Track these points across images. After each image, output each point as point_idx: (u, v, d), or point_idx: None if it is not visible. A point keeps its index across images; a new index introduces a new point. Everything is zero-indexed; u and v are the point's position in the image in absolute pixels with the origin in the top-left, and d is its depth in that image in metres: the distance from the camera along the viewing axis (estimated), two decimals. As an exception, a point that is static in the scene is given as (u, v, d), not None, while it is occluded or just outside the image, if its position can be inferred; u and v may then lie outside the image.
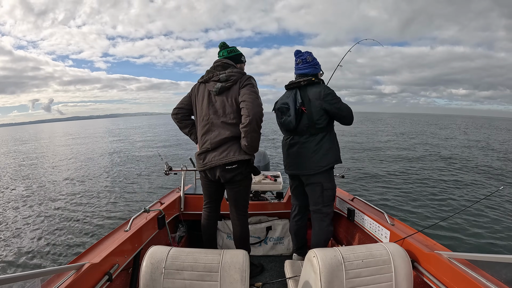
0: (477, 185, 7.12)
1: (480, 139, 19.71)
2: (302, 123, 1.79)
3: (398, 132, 25.48)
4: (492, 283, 0.95)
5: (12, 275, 0.76)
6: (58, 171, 10.09)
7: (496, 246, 3.90)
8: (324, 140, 1.78)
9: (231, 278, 1.06)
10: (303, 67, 1.83)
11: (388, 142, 16.38)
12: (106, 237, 1.45)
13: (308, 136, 1.79)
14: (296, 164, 1.85)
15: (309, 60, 1.83)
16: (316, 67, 1.85)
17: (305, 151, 1.79)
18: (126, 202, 6.03)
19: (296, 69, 1.87)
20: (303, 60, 1.83)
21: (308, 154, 1.78)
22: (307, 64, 1.83)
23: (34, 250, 3.90)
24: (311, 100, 1.75)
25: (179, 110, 1.79)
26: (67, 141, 24.57)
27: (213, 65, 1.71)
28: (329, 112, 1.75)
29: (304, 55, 1.84)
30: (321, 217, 1.83)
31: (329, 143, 1.79)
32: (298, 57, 1.85)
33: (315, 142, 1.77)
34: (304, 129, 1.79)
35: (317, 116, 1.75)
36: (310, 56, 1.84)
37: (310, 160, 1.77)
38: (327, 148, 1.77)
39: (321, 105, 1.73)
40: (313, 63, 1.84)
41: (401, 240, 1.38)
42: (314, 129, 1.77)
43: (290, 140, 1.87)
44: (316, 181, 1.79)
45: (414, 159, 10.94)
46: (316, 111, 1.74)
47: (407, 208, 5.33)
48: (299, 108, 1.76)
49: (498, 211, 5.05)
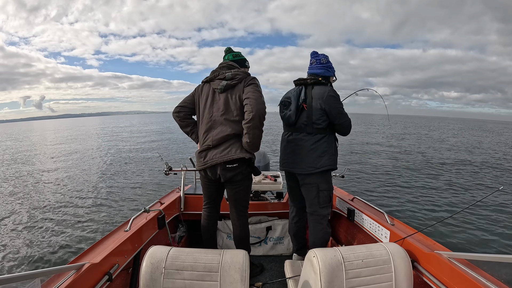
0: (476, 185, 7.13)
1: (477, 141, 19.74)
2: (301, 119, 1.80)
3: (396, 133, 25.48)
4: (492, 283, 0.95)
5: (12, 275, 0.76)
6: (58, 171, 10.09)
7: (496, 246, 3.90)
8: (321, 142, 1.77)
9: (231, 278, 1.06)
10: (316, 67, 1.85)
11: (387, 143, 16.39)
12: (106, 237, 1.45)
13: (305, 134, 1.79)
14: (291, 162, 1.85)
15: (323, 62, 1.85)
16: (329, 70, 1.86)
17: (301, 149, 1.80)
18: (126, 202, 6.03)
19: (309, 68, 1.89)
20: (317, 61, 1.85)
21: (303, 152, 1.78)
22: (320, 65, 1.85)
23: (34, 250, 3.89)
24: (314, 98, 1.76)
25: (182, 108, 1.78)
26: (64, 140, 24.53)
27: (219, 66, 1.73)
28: (328, 114, 1.75)
29: (320, 56, 1.86)
30: (318, 219, 1.82)
31: (326, 146, 1.77)
32: (314, 57, 1.87)
33: (311, 141, 1.77)
34: (302, 126, 1.80)
35: (316, 115, 1.75)
36: (325, 58, 1.86)
37: (304, 159, 1.78)
38: (323, 151, 1.76)
39: (321, 105, 1.73)
40: (327, 65, 1.85)
41: (401, 240, 1.38)
42: (311, 128, 1.77)
43: (289, 136, 1.89)
44: (312, 182, 1.79)
45: (414, 160, 10.94)
46: (316, 111, 1.75)
47: (407, 208, 5.33)
48: (300, 105, 1.78)
49: (498, 211, 5.06)
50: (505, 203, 5.46)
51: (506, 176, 8.26)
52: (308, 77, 1.83)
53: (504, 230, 4.35)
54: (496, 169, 9.23)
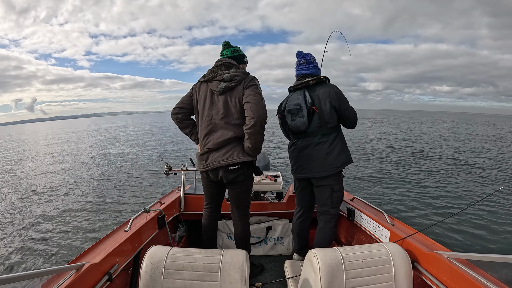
0: (477, 185, 7.13)
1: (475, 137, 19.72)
2: (314, 123, 1.76)
3: (393, 130, 25.44)
4: (492, 283, 0.95)
5: (12, 275, 0.76)
6: (57, 172, 10.09)
7: (496, 246, 3.90)
8: (337, 141, 1.76)
9: (231, 278, 1.06)
10: (308, 67, 1.82)
11: (387, 142, 16.39)
12: (106, 237, 1.45)
13: (320, 136, 1.76)
14: (309, 167, 1.80)
15: (313, 61, 1.83)
16: (318, 68, 1.85)
17: (319, 152, 1.76)
18: (126, 202, 6.02)
19: (299, 69, 1.85)
20: (308, 61, 1.82)
21: (322, 155, 1.74)
22: (311, 64, 1.82)
23: (34, 250, 3.89)
24: (321, 99, 1.72)
25: (180, 110, 1.74)
26: (61, 141, 24.51)
27: (216, 64, 1.67)
28: (338, 111, 1.73)
29: (308, 55, 1.84)
30: (328, 218, 1.83)
31: (342, 143, 1.78)
32: (303, 57, 1.84)
33: (328, 143, 1.74)
34: (316, 129, 1.76)
35: (328, 115, 1.73)
36: (313, 57, 1.84)
37: (323, 162, 1.74)
38: (340, 149, 1.76)
39: (331, 103, 1.71)
40: (316, 64, 1.84)
41: (401, 240, 1.38)
42: (326, 128, 1.74)
43: (301, 142, 1.83)
44: (327, 183, 1.78)
45: (414, 160, 10.93)
46: (327, 110, 1.72)
47: (407, 208, 5.33)
48: (310, 108, 1.74)
49: (498, 211, 5.05)
50: (505, 203, 5.46)
51: (506, 176, 8.26)
52: (308, 79, 1.78)
53: (504, 230, 4.34)
54: (496, 169, 9.23)
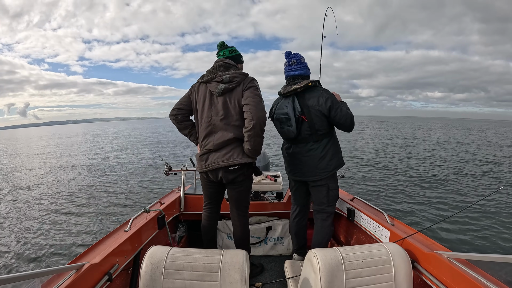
0: (476, 185, 7.13)
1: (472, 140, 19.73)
2: (304, 132, 1.73)
3: (389, 135, 25.46)
4: (492, 283, 0.95)
5: (12, 275, 0.76)
6: (57, 173, 10.08)
7: (496, 246, 3.90)
8: (329, 145, 1.74)
9: (231, 278, 1.06)
10: (298, 67, 1.76)
11: (386, 143, 16.38)
12: (106, 237, 1.45)
13: (312, 143, 1.74)
14: (302, 171, 1.80)
15: (303, 61, 1.77)
16: (308, 68, 1.80)
17: (310, 159, 1.74)
18: (126, 202, 6.03)
19: (288, 70, 1.79)
20: (297, 61, 1.76)
21: (314, 161, 1.73)
22: (301, 65, 1.77)
23: (34, 250, 3.89)
24: (310, 107, 1.68)
25: (178, 111, 1.73)
26: (60, 143, 24.51)
27: (215, 65, 1.66)
28: (329, 118, 1.69)
29: (298, 55, 1.78)
30: (324, 217, 1.83)
31: (334, 148, 1.76)
32: (291, 57, 1.78)
33: (320, 149, 1.72)
34: (307, 136, 1.74)
35: (319, 123, 1.69)
36: (303, 57, 1.78)
37: (316, 167, 1.73)
38: (333, 153, 1.74)
39: (321, 112, 1.67)
40: (305, 64, 1.79)
41: (401, 240, 1.38)
42: (317, 136, 1.72)
43: (293, 148, 1.81)
44: (323, 183, 1.77)
45: (414, 160, 10.94)
46: (317, 118, 1.68)
47: (407, 208, 5.33)
48: (299, 117, 1.70)
49: (498, 211, 5.05)
50: (505, 203, 5.46)
51: (506, 176, 8.26)
52: (297, 87, 1.69)
53: (504, 230, 4.34)
54: (496, 169, 9.23)
